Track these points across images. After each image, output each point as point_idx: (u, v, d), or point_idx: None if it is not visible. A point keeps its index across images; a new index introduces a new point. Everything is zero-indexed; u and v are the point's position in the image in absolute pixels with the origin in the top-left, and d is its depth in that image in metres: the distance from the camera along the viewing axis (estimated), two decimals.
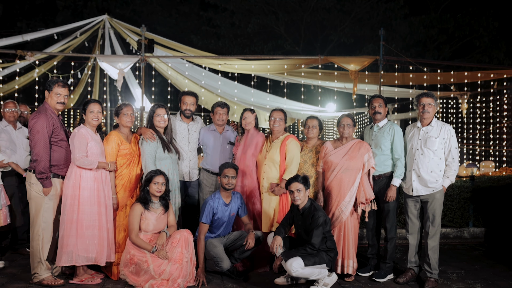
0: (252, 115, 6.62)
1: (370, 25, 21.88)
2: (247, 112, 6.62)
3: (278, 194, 6.28)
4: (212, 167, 6.72)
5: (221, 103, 6.81)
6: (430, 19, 21.46)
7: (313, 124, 6.53)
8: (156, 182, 5.78)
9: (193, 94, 6.75)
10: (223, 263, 5.81)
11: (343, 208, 6.05)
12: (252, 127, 6.59)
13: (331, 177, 6.15)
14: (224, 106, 6.78)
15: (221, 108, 6.73)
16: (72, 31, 13.90)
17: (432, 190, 5.90)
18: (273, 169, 6.42)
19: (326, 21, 22.01)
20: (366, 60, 11.19)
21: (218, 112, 6.71)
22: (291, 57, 11.76)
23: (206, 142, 6.79)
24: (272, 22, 22.07)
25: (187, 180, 6.68)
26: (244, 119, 6.58)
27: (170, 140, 6.36)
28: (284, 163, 6.41)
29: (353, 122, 6.29)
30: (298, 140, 6.56)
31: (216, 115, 6.71)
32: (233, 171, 6.08)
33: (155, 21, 22.28)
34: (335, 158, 6.16)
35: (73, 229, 5.62)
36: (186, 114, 6.69)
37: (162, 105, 6.35)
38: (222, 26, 22.57)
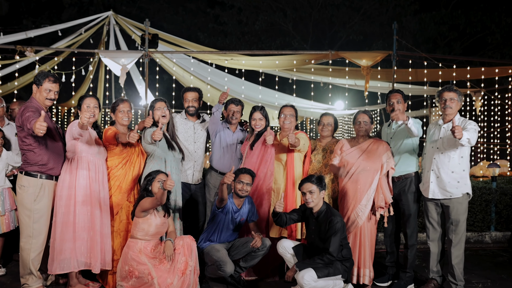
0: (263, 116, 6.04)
1: (380, 22, 21.24)
2: (256, 113, 6.03)
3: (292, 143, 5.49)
4: (222, 166, 6.17)
5: (235, 100, 6.25)
6: (441, 15, 20.76)
7: (328, 122, 5.95)
8: (160, 180, 5.23)
9: (195, 90, 6.19)
10: (226, 267, 5.22)
11: (359, 212, 5.48)
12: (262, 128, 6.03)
13: (346, 178, 5.58)
14: (239, 104, 6.23)
15: (235, 105, 6.19)
16: (76, 28, 13.52)
17: (449, 196, 5.30)
18: (281, 168, 5.87)
19: (334, 17, 21.40)
20: (378, 55, 10.58)
21: (232, 110, 6.18)
22: (300, 52, 11.16)
23: (221, 139, 6.21)
24: (280, 19, 21.48)
25: (190, 183, 6.12)
26: (254, 120, 6.01)
27: (172, 137, 5.81)
28: (292, 163, 5.84)
29: (370, 119, 5.71)
30: (309, 139, 5.99)
31: (230, 112, 6.19)
32: (249, 177, 5.50)
33: (161, 18, 21.79)
34: (351, 158, 5.59)
35: (69, 232, 5.10)
36: (190, 111, 6.14)
37: (161, 98, 5.81)
38: (229, 23, 22.02)
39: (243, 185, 5.45)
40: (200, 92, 6.23)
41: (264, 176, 5.80)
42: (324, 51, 10.57)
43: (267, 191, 5.82)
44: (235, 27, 21.99)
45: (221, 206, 5.40)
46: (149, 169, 5.56)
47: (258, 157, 5.87)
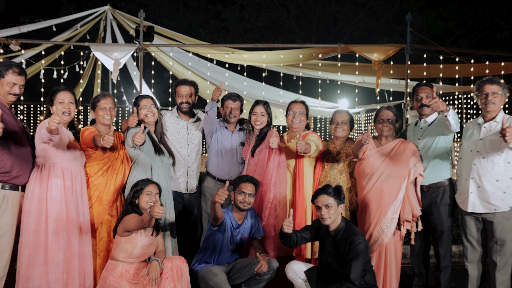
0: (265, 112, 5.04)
1: (385, 18, 20.28)
2: (259, 106, 5.04)
3: (301, 149, 4.49)
4: (220, 172, 5.20)
5: (232, 95, 5.22)
6: (448, 11, 19.77)
7: (343, 120, 4.96)
8: (148, 193, 4.27)
9: (189, 83, 5.20)
10: None
11: (384, 228, 4.50)
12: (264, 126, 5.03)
13: (368, 187, 4.60)
14: (237, 99, 5.22)
15: (233, 101, 5.18)
16: (72, 23, 12.65)
17: (494, 210, 4.32)
18: (288, 176, 4.92)
19: (339, 14, 20.44)
20: (391, 48, 9.59)
21: (229, 106, 5.18)
22: (306, 46, 10.17)
23: (218, 141, 5.23)
24: (283, 16, 20.52)
25: (183, 192, 5.14)
26: (255, 114, 5.02)
27: (160, 139, 4.84)
28: (301, 169, 4.87)
29: (395, 116, 4.73)
30: (321, 139, 5.00)
31: (226, 110, 5.18)
32: (252, 187, 4.51)
33: (162, 15, 20.82)
34: (374, 162, 4.60)
35: (40, 255, 4.13)
36: (183, 108, 5.14)
37: (147, 95, 4.85)
38: (231, 20, 21.05)
39: (245, 196, 4.47)
40: (196, 86, 5.24)
41: (269, 185, 4.81)
42: (332, 45, 9.59)
43: (273, 203, 4.82)
44: (237, 24, 21.03)
45: (217, 224, 4.41)
46: (133, 178, 4.61)
47: (261, 162, 4.88)
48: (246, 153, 5.04)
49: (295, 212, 4.80)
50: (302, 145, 4.40)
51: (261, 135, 4.95)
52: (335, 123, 4.99)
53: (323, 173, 4.94)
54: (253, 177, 4.59)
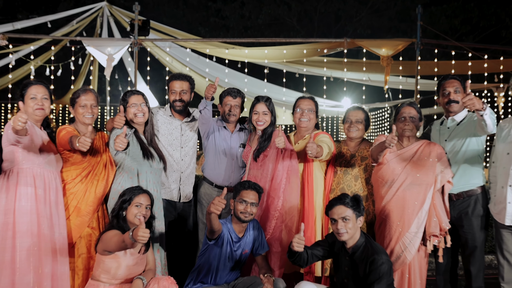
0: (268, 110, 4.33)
1: (388, 16, 19.62)
2: (260, 104, 4.34)
3: (312, 153, 3.79)
4: (218, 178, 4.51)
5: (232, 91, 4.48)
6: (453, 8, 19.10)
7: (358, 118, 4.28)
8: (138, 204, 3.61)
9: (184, 78, 4.49)
10: None
11: (407, 243, 3.81)
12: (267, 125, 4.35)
13: (388, 196, 3.91)
14: (238, 95, 4.48)
15: (233, 98, 4.46)
16: (69, 20, 11.99)
17: None
18: (295, 182, 4.21)
19: (341, 11, 19.79)
20: (400, 43, 8.92)
21: (229, 104, 4.47)
22: (311, 40, 9.47)
23: (216, 142, 4.53)
24: (284, 13, 19.88)
25: (176, 201, 4.45)
26: (256, 113, 4.33)
27: (150, 142, 4.15)
28: (310, 175, 4.19)
29: (418, 113, 4.04)
30: (333, 140, 4.32)
31: (225, 108, 4.48)
32: (255, 195, 3.83)
33: (161, 13, 20.14)
34: (395, 167, 3.92)
35: (5, 276, 3.49)
36: (177, 107, 4.43)
37: (137, 91, 4.17)
38: (231, 17, 20.39)
39: (247, 205, 3.79)
40: (192, 81, 4.54)
41: (277, 191, 4.13)
42: (338, 39, 8.93)
43: (280, 213, 4.13)
44: (237, 21, 20.38)
45: (214, 238, 3.73)
46: (118, 185, 3.95)
47: (267, 166, 4.20)
48: (248, 156, 4.35)
49: (307, 227, 4.12)
50: (313, 148, 3.71)
51: (265, 136, 4.27)
52: (348, 122, 4.30)
53: (335, 179, 4.25)
54: (256, 183, 3.91)
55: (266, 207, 4.13)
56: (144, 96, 4.13)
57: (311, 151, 3.70)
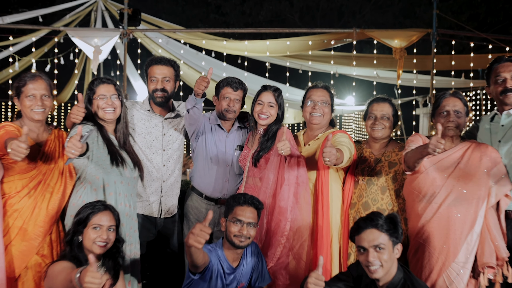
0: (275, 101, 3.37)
1: (392, 12, 18.70)
2: (266, 93, 3.38)
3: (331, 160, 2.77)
4: (209, 188, 3.53)
5: (233, 81, 3.50)
6: (459, 4, 18.14)
7: (384, 113, 3.30)
8: (97, 226, 2.63)
9: (167, 62, 3.48)
10: None
11: (453, 277, 2.83)
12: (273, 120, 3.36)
13: (427, 214, 2.92)
14: (239, 87, 3.51)
15: (233, 90, 3.48)
16: (60, 14, 11.08)
17: None
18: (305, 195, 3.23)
19: (344, 7, 18.86)
20: (415, 34, 7.91)
21: (228, 97, 3.49)
22: (316, 30, 8.48)
23: (207, 144, 3.54)
24: (285, 10, 18.97)
25: (156, 216, 3.46)
26: (261, 104, 3.35)
27: (123, 143, 3.17)
28: (325, 185, 3.20)
29: (465, 107, 3.05)
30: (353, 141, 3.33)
31: (223, 102, 3.49)
32: (253, 212, 2.88)
33: (160, 9, 19.21)
34: (436, 176, 2.93)
35: None
36: (157, 98, 3.43)
37: (107, 79, 3.17)
38: (231, 14, 19.51)
39: (243, 226, 2.82)
40: (176, 67, 3.53)
41: (284, 211, 3.15)
42: (347, 29, 7.94)
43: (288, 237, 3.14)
44: (237, 18, 19.46)
45: (199, 271, 2.74)
46: (78, 199, 2.97)
47: (268, 176, 3.21)
48: (245, 161, 3.37)
49: (316, 247, 3.14)
50: (331, 154, 2.72)
51: (268, 135, 3.30)
52: (372, 118, 3.32)
53: (356, 190, 3.27)
54: (254, 197, 2.93)
55: (269, 231, 3.16)
56: (116, 86, 3.15)
57: (329, 157, 2.71)
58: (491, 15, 17.97)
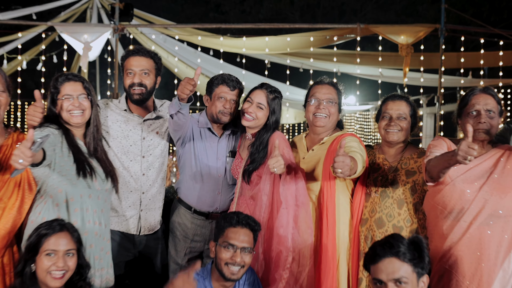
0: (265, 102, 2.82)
1: (394, 10, 18.22)
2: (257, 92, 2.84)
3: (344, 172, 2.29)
4: (199, 201, 3.01)
5: (229, 79, 2.96)
6: (462, 2, 17.63)
7: (401, 112, 2.78)
8: (50, 252, 2.14)
9: (147, 53, 2.94)
10: None
11: None
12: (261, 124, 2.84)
13: (454, 234, 2.41)
14: (236, 86, 2.96)
15: (230, 89, 2.94)
16: (56, 12, 10.59)
17: None
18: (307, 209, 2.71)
19: (345, 5, 18.40)
20: (422, 29, 7.39)
21: (223, 96, 2.94)
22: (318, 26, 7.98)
23: (196, 151, 3.01)
24: (286, 8, 18.48)
25: (133, 233, 2.94)
26: (249, 102, 2.83)
27: (94, 150, 2.64)
28: (331, 198, 2.68)
29: (499, 106, 2.52)
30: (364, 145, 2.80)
31: (218, 102, 2.94)
32: (248, 235, 2.38)
33: (159, 7, 18.71)
34: (464, 188, 2.41)
35: None
36: (135, 95, 2.89)
37: (74, 75, 2.64)
38: (231, 12, 19.05)
39: (236, 252, 2.31)
40: (158, 59, 3.00)
41: (281, 243, 2.61)
42: (350, 25, 7.42)
43: (289, 272, 2.60)
44: (237, 16, 18.98)
45: None
46: (37, 217, 2.47)
47: (259, 196, 2.68)
48: (238, 171, 2.85)
49: (320, 270, 2.63)
50: (345, 165, 2.21)
51: (258, 145, 2.77)
52: (386, 118, 2.80)
53: (367, 204, 2.75)
54: (249, 216, 2.41)
55: (267, 262, 2.63)
56: (85, 83, 2.62)
57: (342, 168, 2.19)
58: (494, 13, 17.49)
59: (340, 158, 2.20)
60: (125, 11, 7.31)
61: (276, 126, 2.82)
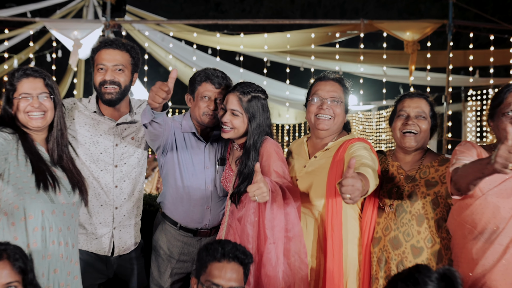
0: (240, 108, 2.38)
1: (397, 9, 17.84)
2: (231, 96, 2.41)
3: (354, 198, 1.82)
4: (185, 216, 2.59)
5: (214, 74, 2.54)
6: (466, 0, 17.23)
7: (419, 111, 2.39)
8: None
9: (122, 46, 2.49)
10: None
11: None
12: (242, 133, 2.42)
13: (486, 259, 1.99)
14: (222, 83, 2.54)
15: (215, 87, 2.52)
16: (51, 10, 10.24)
17: None
18: (310, 229, 2.35)
19: (346, 4, 18.03)
20: (429, 25, 7.00)
21: (206, 96, 2.53)
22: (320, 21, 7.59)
23: (180, 160, 2.58)
24: (286, 7, 18.13)
25: (106, 254, 2.51)
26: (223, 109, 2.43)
27: (58, 158, 2.22)
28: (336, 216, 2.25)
29: None
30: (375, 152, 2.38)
31: (201, 103, 2.54)
32: (237, 271, 1.94)
33: (158, 6, 18.30)
34: (500, 203, 1.99)
35: None
36: (107, 95, 2.44)
37: (34, 71, 2.20)
38: (231, 12, 18.68)
39: None
40: (135, 53, 2.54)
41: (268, 279, 2.17)
42: (353, 20, 7.02)
43: None
44: (237, 16, 18.58)
45: None
46: None
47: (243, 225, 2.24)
48: (228, 183, 2.43)
49: None
50: (355, 190, 1.78)
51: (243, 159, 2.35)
52: (402, 117, 2.38)
53: (381, 220, 2.33)
54: (237, 246, 1.99)
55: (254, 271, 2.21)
56: (47, 80, 2.19)
57: (351, 194, 1.76)
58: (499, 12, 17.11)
59: (349, 181, 1.77)
60: (117, 7, 6.90)
61: (261, 132, 2.36)
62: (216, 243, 1.96)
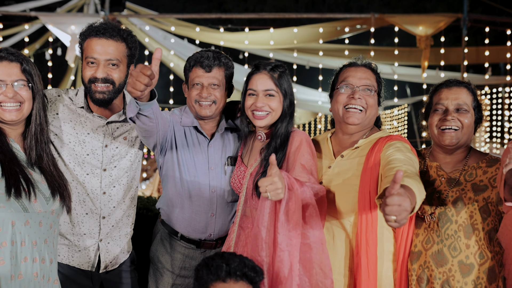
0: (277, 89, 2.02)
1: (402, 7, 17.64)
2: (259, 76, 2.04)
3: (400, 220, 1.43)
4: (187, 225, 2.20)
5: (204, 56, 2.13)
6: None
7: (460, 102, 1.98)
8: None
9: (117, 34, 2.05)
10: None
11: None
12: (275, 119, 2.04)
13: None
14: (214, 65, 2.13)
15: (205, 71, 2.13)
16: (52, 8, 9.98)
17: None
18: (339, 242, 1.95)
19: (351, 2, 17.81)
20: (442, 19, 6.61)
21: (198, 82, 2.15)
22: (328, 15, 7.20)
23: (180, 160, 2.19)
24: (290, 5, 18.01)
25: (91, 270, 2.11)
26: (252, 95, 2.04)
27: (36, 159, 1.84)
28: (372, 225, 1.86)
29: None
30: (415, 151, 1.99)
31: (193, 91, 2.16)
32: None
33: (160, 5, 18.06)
34: None
35: None
36: (97, 93, 2.02)
37: (9, 53, 1.82)
38: (234, 11, 18.47)
39: None
40: (132, 42, 2.13)
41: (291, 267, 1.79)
42: (363, 14, 6.65)
43: None
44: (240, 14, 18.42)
45: None
46: None
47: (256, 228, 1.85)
48: (241, 184, 2.05)
49: None
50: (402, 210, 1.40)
51: (273, 143, 2.00)
52: (439, 112, 2.00)
53: (420, 231, 1.95)
54: (245, 261, 1.62)
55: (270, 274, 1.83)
56: (25, 64, 1.82)
57: (398, 215, 1.39)
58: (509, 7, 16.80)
59: (396, 200, 1.39)
60: (116, 1, 6.54)
61: (293, 111, 2.06)
62: (218, 258, 1.58)
